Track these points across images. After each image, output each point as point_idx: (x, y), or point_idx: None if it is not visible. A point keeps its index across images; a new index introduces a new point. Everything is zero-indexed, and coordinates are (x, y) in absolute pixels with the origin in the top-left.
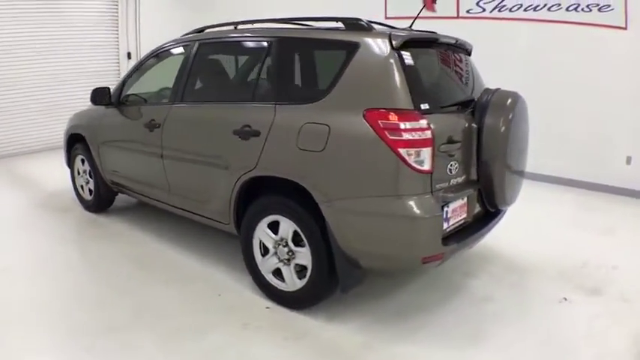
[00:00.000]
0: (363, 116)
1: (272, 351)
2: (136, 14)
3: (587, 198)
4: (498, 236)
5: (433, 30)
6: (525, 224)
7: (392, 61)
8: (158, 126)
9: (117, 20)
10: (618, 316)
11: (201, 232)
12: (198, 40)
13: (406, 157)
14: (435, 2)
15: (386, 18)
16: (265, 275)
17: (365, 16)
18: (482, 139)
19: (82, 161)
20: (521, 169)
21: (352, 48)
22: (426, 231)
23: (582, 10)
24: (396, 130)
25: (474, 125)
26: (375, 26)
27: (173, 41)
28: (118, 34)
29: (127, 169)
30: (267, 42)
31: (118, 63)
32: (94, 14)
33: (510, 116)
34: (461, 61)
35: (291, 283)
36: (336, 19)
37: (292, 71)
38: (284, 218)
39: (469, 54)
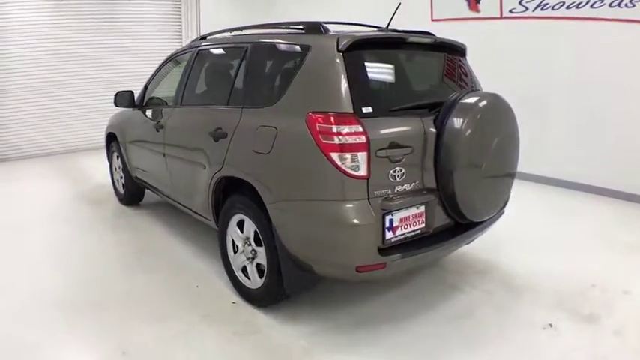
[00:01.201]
0: (305, 119)
1: (216, 343)
2: (197, 18)
3: (623, 210)
4: (504, 248)
5: (428, 31)
6: (541, 236)
7: (336, 63)
8: (162, 127)
9: (180, 25)
10: (599, 353)
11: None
12: (195, 47)
13: (338, 162)
14: (479, 3)
15: (432, 20)
16: (235, 271)
17: (411, 19)
18: (440, 145)
19: (117, 158)
20: (499, 178)
21: (304, 51)
22: (359, 239)
23: (625, 5)
24: (329, 133)
25: (432, 130)
26: (350, 28)
27: (182, 48)
28: (181, 38)
29: (144, 167)
30: (237, 48)
31: None
32: (158, 20)
33: (475, 120)
34: (440, 61)
35: (254, 280)
36: (299, 24)
37: (257, 75)
38: (246, 218)
39: (461, 55)
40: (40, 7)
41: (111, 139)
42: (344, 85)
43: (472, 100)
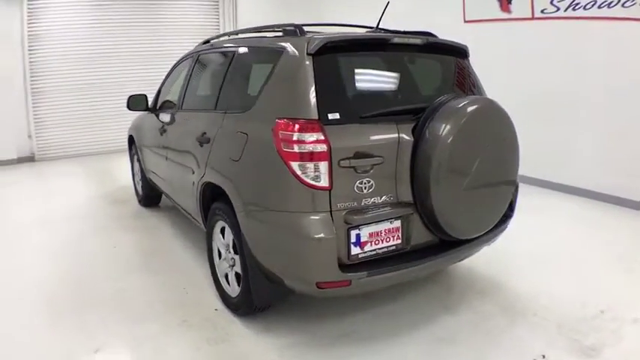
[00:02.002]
0: (273, 126)
1: (184, 350)
2: (234, 21)
3: None
4: (514, 265)
5: (430, 32)
6: (556, 252)
7: (304, 66)
8: (165, 130)
9: (218, 27)
10: None
11: None
12: (197, 52)
13: (298, 171)
14: (510, 3)
15: (465, 22)
16: (220, 278)
17: (443, 21)
18: (417, 154)
19: (138, 160)
20: (490, 190)
21: (278, 55)
22: (316, 253)
23: None
24: (289, 141)
25: (408, 138)
26: (334, 29)
27: (189, 52)
28: None
29: (155, 169)
30: (226, 53)
31: None
32: (195, 23)
33: (457, 126)
34: (432, 64)
35: (233, 288)
36: (278, 26)
37: (238, 80)
38: (226, 225)
39: (461, 56)
40: (76, 11)
41: (132, 141)
42: (310, 89)
43: (456, 105)
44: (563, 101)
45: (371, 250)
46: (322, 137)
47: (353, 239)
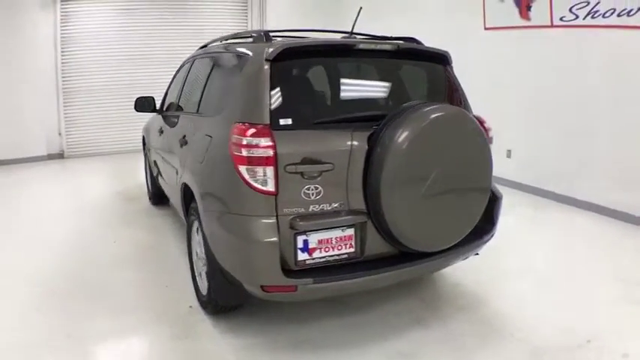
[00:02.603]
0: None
1: (148, 343)
2: (262, 26)
3: None
4: (505, 282)
5: (413, 37)
6: (555, 271)
7: (262, 72)
8: (162, 132)
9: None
10: None
11: None
12: (193, 56)
13: (246, 175)
14: (530, 10)
15: (485, 29)
16: (196, 276)
17: (463, 28)
18: (370, 162)
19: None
20: (452, 204)
21: (244, 60)
22: (260, 257)
23: None
24: (239, 145)
25: (358, 144)
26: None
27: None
28: None
29: (158, 169)
30: (210, 58)
31: None
32: (223, 27)
33: (412, 134)
34: (404, 70)
35: (203, 287)
36: (249, 33)
37: (213, 84)
38: (199, 224)
39: (440, 63)
40: (106, 15)
41: (144, 141)
42: (265, 95)
43: (413, 113)
44: (578, 111)
45: (320, 257)
46: (269, 142)
47: (300, 245)
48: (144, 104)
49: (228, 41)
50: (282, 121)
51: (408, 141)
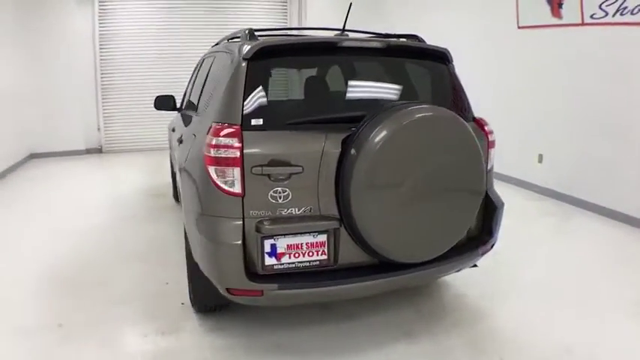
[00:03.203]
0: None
1: (132, 335)
2: (301, 24)
3: None
4: (512, 296)
5: (414, 34)
6: (567, 286)
7: (239, 71)
8: (174, 130)
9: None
10: None
11: None
12: (203, 56)
13: (214, 176)
14: (561, 8)
15: (519, 28)
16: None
17: (497, 27)
18: (342, 166)
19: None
20: (436, 212)
21: (230, 59)
22: (223, 259)
23: None
24: (209, 145)
25: (331, 147)
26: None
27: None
28: None
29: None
30: (211, 57)
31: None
32: (263, 26)
33: (383, 139)
34: (395, 68)
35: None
36: (240, 32)
37: (209, 83)
38: None
39: (438, 61)
40: (144, 12)
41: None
42: (239, 94)
43: (390, 114)
44: (615, 115)
45: (289, 263)
46: (236, 143)
47: (268, 249)
48: (162, 102)
49: (230, 40)
50: (253, 122)
51: (380, 144)
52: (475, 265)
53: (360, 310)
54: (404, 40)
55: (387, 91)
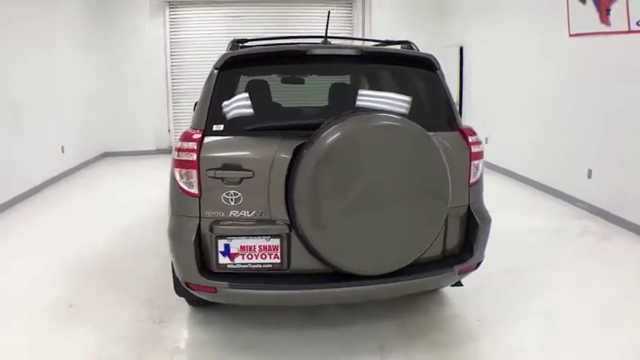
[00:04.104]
0: None
1: (126, 320)
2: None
3: None
4: (514, 325)
5: (407, 41)
6: (585, 322)
7: (211, 80)
8: None
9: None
10: None
11: None
12: None
13: (177, 177)
14: (609, 14)
15: (570, 36)
16: None
17: (548, 35)
18: (291, 172)
19: None
20: (391, 222)
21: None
22: (180, 255)
23: None
24: (175, 149)
25: (282, 154)
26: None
27: None
28: None
29: None
30: None
31: None
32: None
33: (327, 147)
34: (369, 75)
35: None
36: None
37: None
38: None
39: (423, 67)
40: (212, 20)
41: None
42: (207, 101)
43: (339, 122)
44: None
45: (242, 264)
46: (194, 147)
47: (221, 249)
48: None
49: None
50: (215, 127)
51: (323, 152)
52: (459, 284)
53: (347, 320)
54: (394, 46)
55: (354, 99)
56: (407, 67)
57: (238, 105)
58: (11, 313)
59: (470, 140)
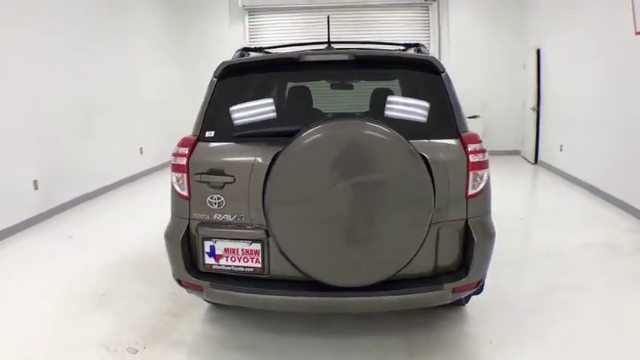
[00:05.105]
0: None
1: (148, 310)
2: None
3: None
4: (519, 352)
5: (417, 43)
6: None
7: (210, 87)
8: None
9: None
10: None
11: None
12: None
13: (173, 180)
14: None
15: (636, 33)
16: None
17: (610, 33)
18: (266, 178)
19: None
20: (367, 236)
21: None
22: (170, 251)
23: None
24: (172, 154)
25: (261, 160)
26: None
27: None
28: None
29: None
30: None
31: None
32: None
33: (295, 154)
34: (362, 80)
35: None
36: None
37: None
38: None
39: (428, 71)
40: (287, 26)
41: None
42: (204, 108)
43: (312, 130)
44: None
45: (226, 265)
46: (186, 152)
47: (207, 249)
48: None
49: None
50: (207, 134)
51: (293, 158)
52: (460, 303)
53: (352, 329)
54: (366, 50)
55: (346, 105)
56: (407, 70)
57: (230, 112)
58: (54, 294)
59: (469, 149)
